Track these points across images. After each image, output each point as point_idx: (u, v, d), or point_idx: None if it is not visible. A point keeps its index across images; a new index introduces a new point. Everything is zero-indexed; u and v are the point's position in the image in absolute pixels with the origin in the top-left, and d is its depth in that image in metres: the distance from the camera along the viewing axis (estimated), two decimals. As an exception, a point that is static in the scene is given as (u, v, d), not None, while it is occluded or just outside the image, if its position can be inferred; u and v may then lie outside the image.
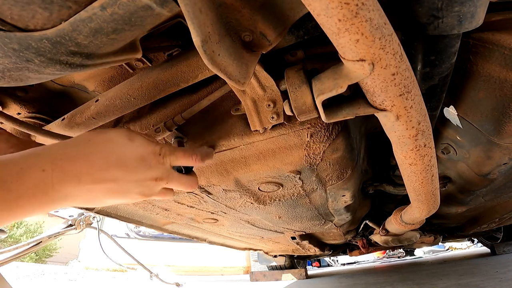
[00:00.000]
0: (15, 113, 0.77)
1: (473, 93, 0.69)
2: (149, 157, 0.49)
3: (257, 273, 3.63)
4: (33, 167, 0.37)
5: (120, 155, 0.46)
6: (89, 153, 0.43)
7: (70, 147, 0.43)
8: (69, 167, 0.41)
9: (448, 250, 7.95)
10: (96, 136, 0.46)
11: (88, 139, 0.45)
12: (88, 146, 0.44)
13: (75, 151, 0.42)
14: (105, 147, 0.45)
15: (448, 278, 2.09)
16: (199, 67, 0.60)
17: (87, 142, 0.45)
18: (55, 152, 0.41)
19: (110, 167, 0.44)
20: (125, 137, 0.47)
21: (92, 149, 0.44)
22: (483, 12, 0.44)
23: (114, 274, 5.12)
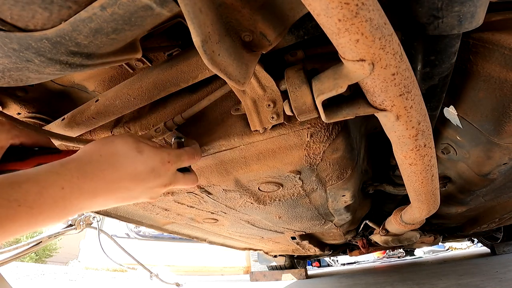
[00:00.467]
0: (15, 113, 0.77)
1: (473, 93, 0.69)
2: (158, 167, 0.52)
3: (257, 273, 3.63)
4: (53, 185, 0.40)
5: (132, 170, 0.49)
6: (102, 169, 0.46)
7: (85, 164, 0.45)
8: (86, 184, 0.43)
9: (448, 250, 7.95)
10: (106, 150, 0.48)
11: (99, 154, 0.48)
12: (101, 163, 0.47)
13: (90, 169, 0.45)
14: (117, 161, 0.48)
15: (448, 278, 2.09)
16: (199, 67, 0.60)
17: (99, 158, 0.47)
18: (72, 170, 0.43)
19: (122, 180, 0.48)
20: (134, 149, 0.50)
21: (104, 165, 0.47)
22: (483, 12, 0.44)
23: (114, 274, 5.12)
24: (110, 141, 0.50)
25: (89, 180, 0.44)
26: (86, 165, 0.45)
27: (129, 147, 0.50)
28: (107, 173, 0.46)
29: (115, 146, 0.49)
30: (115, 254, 2.96)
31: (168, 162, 0.54)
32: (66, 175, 0.42)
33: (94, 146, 0.49)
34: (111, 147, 0.49)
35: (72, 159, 0.46)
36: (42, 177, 0.40)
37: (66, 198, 0.41)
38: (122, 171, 0.48)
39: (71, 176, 0.42)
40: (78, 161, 0.46)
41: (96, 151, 0.48)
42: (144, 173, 0.50)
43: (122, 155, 0.49)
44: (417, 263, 4.68)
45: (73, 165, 0.44)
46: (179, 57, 0.61)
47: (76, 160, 0.46)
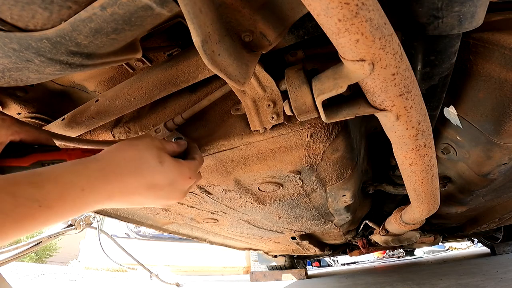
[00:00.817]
0: (15, 113, 0.77)
1: (473, 93, 0.69)
2: (177, 181, 0.53)
3: (257, 273, 3.63)
4: (74, 187, 0.40)
5: (151, 179, 0.49)
6: (123, 173, 0.46)
7: (106, 165, 0.45)
8: (105, 186, 0.44)
9: (448, 250, 7.95)
10: (130, 155, 0.49)
11: (123, 157, 0.48)
12: (122, 167, 0.47)
13: (111, 172, 0.45)
14: (138, 168, 0.48)
15: (448, 278, 2.09)
16: (199, 67, 0.60)
17: (122, 162, 0.47)
18: (93, 171, 0.43)
19: (140, 188, 0.48)
20: (157, 158, 0.50)
21: (126, 169, 0.47)
22: (483, 12, 0.44)
23: (114, 274, 5.12)
24: (134, 144, 0.50)
25: (109, 183, 0.44)
26: (108, 167, 0.45)
27: (152, 155, 0.50)
28: (127, 178, 0.46)
29: (139, 151, 0.49)
30: (115, 254, 2.96)
31: (190, 178, 0.55)
32: (88, 177, 0.42)
33: (118, 148, 0.49)
34: (135, 152, 0.49)
35: (95, 159, 0.46)
36: (64, 177, 0.40)
37: (84, 198, 0.41)
38: (142, 179, 0.48)
39: (93, 177, 0.43)
40: (100, 162, 0.45)
41: (119, 154, 0.48)
42: (162, 184, 0.50)
43: (144, 163, 0.49)
44: (417, 263, 4.68)
45: (96, 166, 0.44)
46: (179, 57, 0.61)
47: (99, 160, 0.46)
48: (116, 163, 0.46)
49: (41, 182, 0.37)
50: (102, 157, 0.47)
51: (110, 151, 0.49)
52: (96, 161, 0.45)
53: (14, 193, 0.34)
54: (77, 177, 0.41)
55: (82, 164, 0.44)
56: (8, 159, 0.53)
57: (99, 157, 0.47)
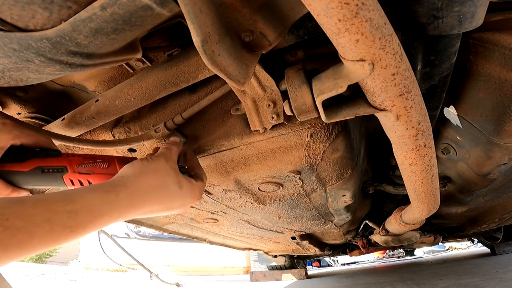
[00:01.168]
0: (15, 113, 0.77)
1: (473, 93, 0.69)
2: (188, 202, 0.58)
3: (257, 273, 3.63)
4: (105, 216, 0.43)
5: (169, 203, 0.54)
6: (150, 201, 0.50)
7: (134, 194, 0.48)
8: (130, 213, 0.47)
9: (448, 250, 7.95)
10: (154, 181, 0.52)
11: (148, 184, 0.51)
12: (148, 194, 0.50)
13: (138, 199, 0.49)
14: (162, 195, 0.53)
15: (448, 278, 2.09)
16: (199, 67, 0.60)
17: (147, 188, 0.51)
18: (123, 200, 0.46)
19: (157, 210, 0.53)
20: (176, 184, 0.55)
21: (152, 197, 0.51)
22: (483, 12, 0.44)
23: (114, 274, 5.12)
24: (155, 169, 0.54)
25: (136, 210, 0.48)
26: (136, 196, 0.48)
27: (173, 181, 0.55)
28: (152, 206, 0.51)
29: (161, 177, 0.53)
30: (115, 254, 2.96)
31: (198, 199, 0.60)
32: (118, 206, 0.45)
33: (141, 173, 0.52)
34: (158, 178, 0.53)
35: (124, 186, 0.48)
36: (97, 207, 0.42)
37: (110, 222, 0.45)
38: (163, 204, 0.53)
39: (122, 207, 0.46)
40: (129, 189, 0.48)
41: (145, 181, 0.51)
42: (176, 205, 0.55)
43: (166, 189, 0.53)
44: (417, 263, 4.68)
45: (125, 195, 0.47)
46: (179, 57, 0.61)
47: (127, 187, 0.48)
48: (143, 192, 0.50)
49: (75, 211, 0.40)
50: (130, 182, 0.49)
51: (136, 175, 0.51)
52: (125, 187, 0.48)
53: (50, 221, 0.37)
54: (109, 207, 0.44)
55: (112, 192, 0.46)
56: (8, 164, 0.53)
57: (127, 183, 0.49)
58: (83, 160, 0.57)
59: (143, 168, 0.53)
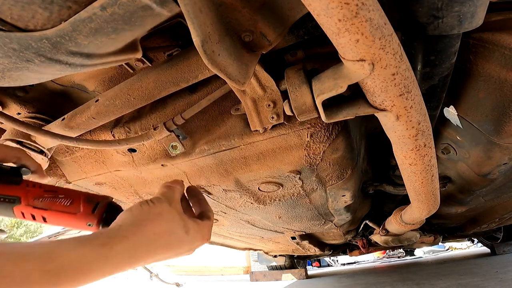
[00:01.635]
0: (15, 113, 0.77)
1: (473, 93, 0.68)
2: (196, 245, 0.54)
3: (257, 273, 3.63)
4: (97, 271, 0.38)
5: (178, 250, 0.50)
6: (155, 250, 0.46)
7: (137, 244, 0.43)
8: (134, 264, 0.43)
9: (448, 250, 7.94)
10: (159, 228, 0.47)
11: (153, 232, 0.46)
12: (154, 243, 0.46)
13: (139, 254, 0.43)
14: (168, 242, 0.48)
15: (448, 278, 2.09)
16: (199, 67, 0.60)
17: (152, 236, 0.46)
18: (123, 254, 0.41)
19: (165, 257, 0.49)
20: (183, 228, 0.51)
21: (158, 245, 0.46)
22: (483, 12, 0.44)
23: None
24: (159, 214, 0.49)
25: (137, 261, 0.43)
26: (138, 246, 0.43)
27: (179, 225, 0.50)
28: (158, 254, 0.46)
29: (166, 223, 0.49)
30: (115, 254, 2.95)
31: (207, 240, 0.56)
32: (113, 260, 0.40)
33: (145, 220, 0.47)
34: (163, 225, 0.48)
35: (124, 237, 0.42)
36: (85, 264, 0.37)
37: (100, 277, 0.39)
38: (169, 251, 0.48)
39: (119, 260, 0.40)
40: (131, 241, 0.43)
41: (149, 229, 0.46)
42: (184, 251, 0.51)
43: (172, 235, 0.49)
44: (417, 263, 4.68)
45: (125, 247, 0.41)
46: (179, 57, 0.61)
47: (127, 238, 0.43)
48: (147, 242, 0.45)
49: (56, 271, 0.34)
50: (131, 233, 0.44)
51: (137, 224, 0.46)
52: (124, 239, 0.42)
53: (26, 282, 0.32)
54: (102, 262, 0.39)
55: (107, 245, 0.40)
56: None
57: (127, 233, 0.43)
58: (42, 193, 0.51)
59: (144, 214, 0.48)
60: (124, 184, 1.03)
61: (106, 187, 1.04)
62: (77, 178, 0.99)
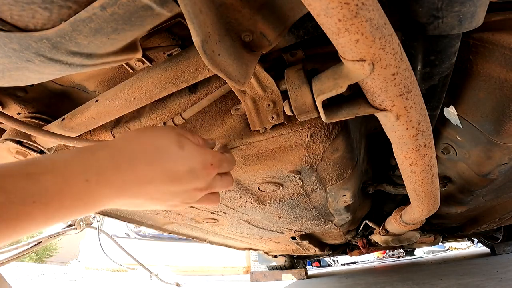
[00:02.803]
0: (15, 113, 0.77)
1: (473, 93, 0.69)
2: (198, 168, 0.46)
3: (257, 273, 3.63)
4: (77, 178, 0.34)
5: (169, 166, 0.43)
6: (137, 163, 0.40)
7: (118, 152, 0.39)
8: (115, 178, 0.37)
9: (448, 250, 7.94)
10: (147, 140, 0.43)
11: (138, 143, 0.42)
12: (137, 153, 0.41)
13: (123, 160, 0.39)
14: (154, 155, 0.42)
15: (448, 278, 2.09)
16: (199, 67, 0.60)
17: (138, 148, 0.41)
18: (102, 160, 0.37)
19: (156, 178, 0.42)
20: (176, 143, 0.45)
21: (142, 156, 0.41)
22: (483, 12, 0.44)
23: (114, 274, 5.12)
24: (151, 131, 0.45)
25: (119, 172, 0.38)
26: (120, 153, 0.39)
27: (171, 140, 0.44)
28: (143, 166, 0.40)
29: (157, 137, 0.44)
30: (115, 254, 2.95)
31: (211, 165, 0.48)
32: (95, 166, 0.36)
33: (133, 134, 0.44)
34: (152, 139, 0.43)
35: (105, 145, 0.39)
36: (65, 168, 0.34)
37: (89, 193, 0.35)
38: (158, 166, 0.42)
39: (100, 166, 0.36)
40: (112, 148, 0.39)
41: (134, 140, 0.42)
42: (181, 171, 0.44)
43: (162, 148, 0.43)
44: (417, 263, 4.68)
45: (106, 153, 0.38)
46: (179, 57, 0.61)
47: (109, 147, 0.39)
48: (130, 150, 0.40)
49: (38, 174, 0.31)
50: (114, 143, 0.41)
51: (124, 138, 0.43)
52: (106, 147, 0.39)
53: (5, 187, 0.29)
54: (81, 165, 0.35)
55: (88, 151, 0.37)
56: None
57: (110, 144, 0.40)
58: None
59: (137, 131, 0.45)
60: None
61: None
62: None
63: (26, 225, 0.31)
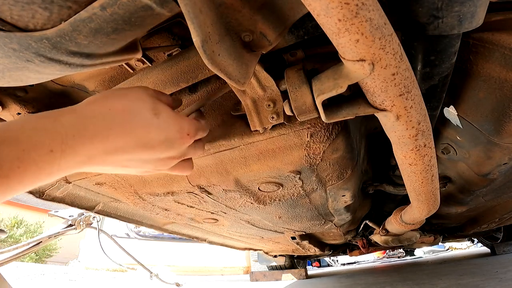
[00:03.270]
0: (15, 113, 0.77)
1: (473, 93, 0.69)
2: (174, 138, 0.43)
3: (257, 273, 3.63)
4: (38, 148, 0.31)
5: (142, 134, 0.40)
6: (109, 127, 0.37)
7: (86, 119, 0.35)
8: (82, 147, 0.34)
9: (448, 250, 7.94)
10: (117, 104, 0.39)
11: (108, 108, 0.38)
12: (108, 119, 0.37)
13: (91, 126, 0.35)
14: (126, 121, 0.39)
15: (448, 278, 2.09)
16: (199, 67, 0.60)
17: (107, 113, 0.38)
18: (67, 127, 0.33)
19: (128, 147, 0.39)
20: (151, 110, 0.41)
21: (112, 122, 0.37)
22: (483, 12, 0.44)
23: (114, 274, 5.12)
24: (123, 94, 0.41)
25: (89, 140, 0.35)
26: (88, 120, 0.35)
27: (145, 106, 0.41)
28: (113, 133, 0.37)
29: (129, 101, 0.40)
30: (115, 254, 2.95)
31: (187, 135, 0.45)
32: (58, 133, 0.32)
33: (102, 97, 0.40)
34: (124, 102, 0.40)
35: (71, 110, 0.36)
36: (25, 135, 0.30)
37: (54, 163, 0.32)
38: (131, 134, 0.39)
39: (65, 134, 0.33)
40: (78, 113, 0.35)
41: (104, 104, 0.38)
42: (155, 140, 0.41)
43: (135, 114, 0.39)
44: (417, 263, 4.68)
45: (70, 118, 0.34)
46: (179, 57, 0.61)
47: (75, 112, 0.36)
48: (99, 115, 0.36)
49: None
50: (80, 107, 0.37)
51: (93, 101, 0.39)
52: (72, 112, 0.35)
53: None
54: (42, 133, 0.31)
55: (50, 117, 0.34)
56: None
57: (78, 108, 0.36)
58: None
59: (106, 92, 0.41)
60: (124, 184, 1.03)
61: (106, 187, 1.04)
62: (77, 178, 0.99)
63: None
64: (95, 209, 1.22)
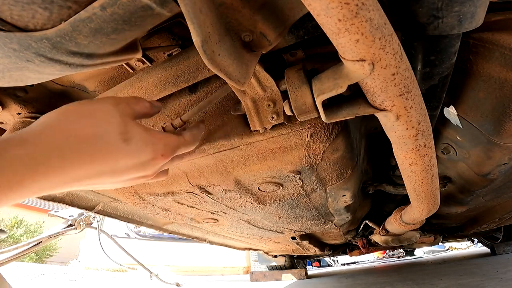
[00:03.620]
0: (15, 113, 0.77)
1: (473, 93, 0.69)
2: (145, 161, 0.40)
3: (257, 273, 3.63)
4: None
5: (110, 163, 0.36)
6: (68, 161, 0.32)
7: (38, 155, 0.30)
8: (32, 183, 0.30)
9: (448, 250, 7.94)
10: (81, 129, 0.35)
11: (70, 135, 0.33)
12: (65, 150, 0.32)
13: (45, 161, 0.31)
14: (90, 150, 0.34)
15: (448, 278, 2.09)
16: (199, 67, 0.60)
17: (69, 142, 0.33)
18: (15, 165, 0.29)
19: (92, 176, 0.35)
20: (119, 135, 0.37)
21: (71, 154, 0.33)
22: (483, 12, 0.44)
23: (114, 274, 5.12)
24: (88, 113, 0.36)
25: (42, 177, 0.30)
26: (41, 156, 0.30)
27: (114, 130, 0.37)
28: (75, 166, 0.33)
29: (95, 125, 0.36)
30: (115, 254, 2.95)
31: (162, 156, 0.42)
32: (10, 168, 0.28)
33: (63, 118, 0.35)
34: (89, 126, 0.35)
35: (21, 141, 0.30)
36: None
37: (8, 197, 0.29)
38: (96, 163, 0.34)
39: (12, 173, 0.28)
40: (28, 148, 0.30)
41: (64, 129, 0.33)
42: (124, 167, 0.37)
43: (102, 141, 0.35)
44: (417, 263, 4.68)
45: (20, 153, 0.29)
46: (179, 57, 0.61)
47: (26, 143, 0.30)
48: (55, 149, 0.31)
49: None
50: (33, 137, 0.32)
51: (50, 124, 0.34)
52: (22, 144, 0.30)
53: None
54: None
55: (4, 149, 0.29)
56: None
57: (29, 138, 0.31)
58: None
59: (71, 112, 0.36)
60: (124, 184, 1.02)
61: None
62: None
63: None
64: (95, 209, 1.22)
